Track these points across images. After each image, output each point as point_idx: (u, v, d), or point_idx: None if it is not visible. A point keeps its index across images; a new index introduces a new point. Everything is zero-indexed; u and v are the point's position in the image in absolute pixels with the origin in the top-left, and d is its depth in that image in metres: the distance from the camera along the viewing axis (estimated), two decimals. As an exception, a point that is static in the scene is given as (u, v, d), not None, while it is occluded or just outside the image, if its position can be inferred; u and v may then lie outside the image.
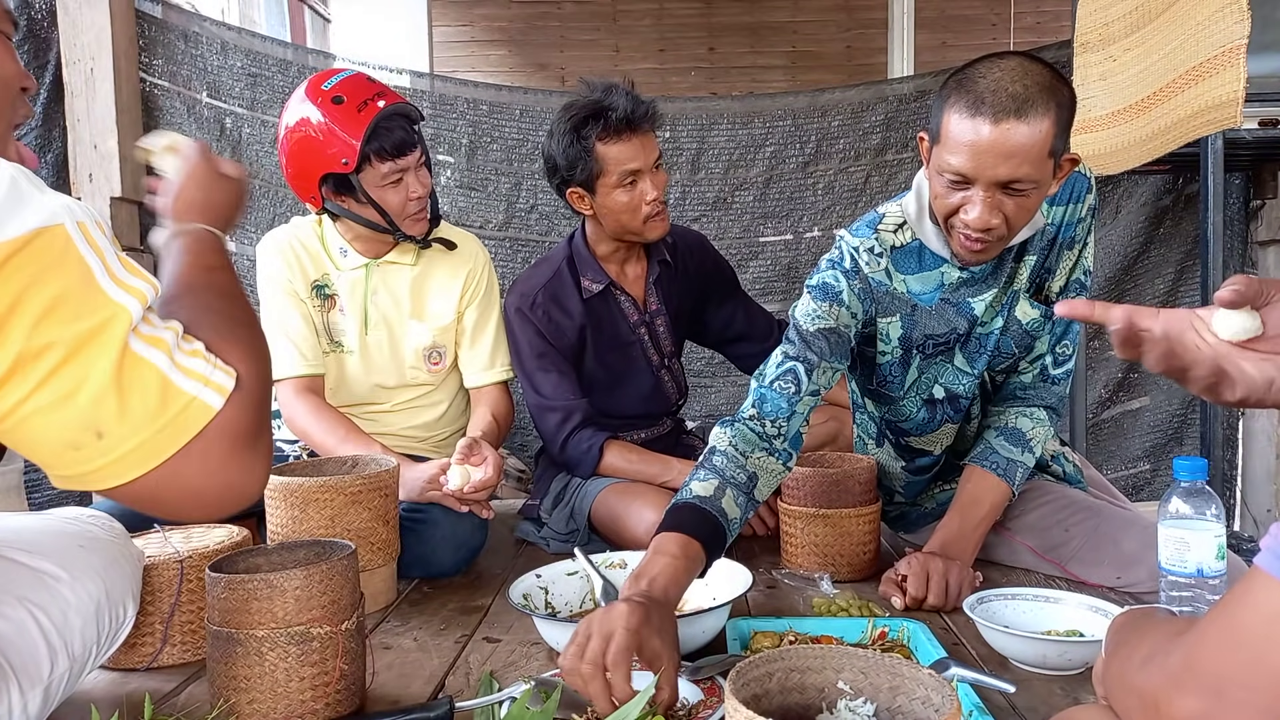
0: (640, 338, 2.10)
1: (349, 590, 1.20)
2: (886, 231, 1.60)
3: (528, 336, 2.01)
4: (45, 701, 1.05)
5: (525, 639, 1.47)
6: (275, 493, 1.56)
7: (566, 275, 2.04)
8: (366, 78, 1.89)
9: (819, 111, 2.89)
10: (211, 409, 0.81)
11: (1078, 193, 1.60)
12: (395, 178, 1.85)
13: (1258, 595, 0.61)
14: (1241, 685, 0.60)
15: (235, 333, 0.90)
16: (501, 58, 6.80)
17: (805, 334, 1.57)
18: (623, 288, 2.07)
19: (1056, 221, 1.60)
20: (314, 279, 1.97)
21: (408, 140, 1.85)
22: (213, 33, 2.74)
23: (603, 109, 1.88)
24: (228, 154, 2.75)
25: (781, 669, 0.85)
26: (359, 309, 1.97)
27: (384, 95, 1.85)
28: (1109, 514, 1.68)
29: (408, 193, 1.87)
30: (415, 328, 2.00)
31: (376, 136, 1.80)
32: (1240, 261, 2.78)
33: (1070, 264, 1.63)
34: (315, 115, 1.82)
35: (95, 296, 0.77)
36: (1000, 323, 1.62)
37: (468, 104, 2.83)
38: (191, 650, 1.39)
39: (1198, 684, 0.63)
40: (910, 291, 1.60)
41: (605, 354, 2.07)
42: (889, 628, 1.34)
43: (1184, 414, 2.90)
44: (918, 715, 0.81)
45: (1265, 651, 0.59)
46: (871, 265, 1.59)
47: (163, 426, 0.79)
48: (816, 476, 1.74)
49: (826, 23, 6.72)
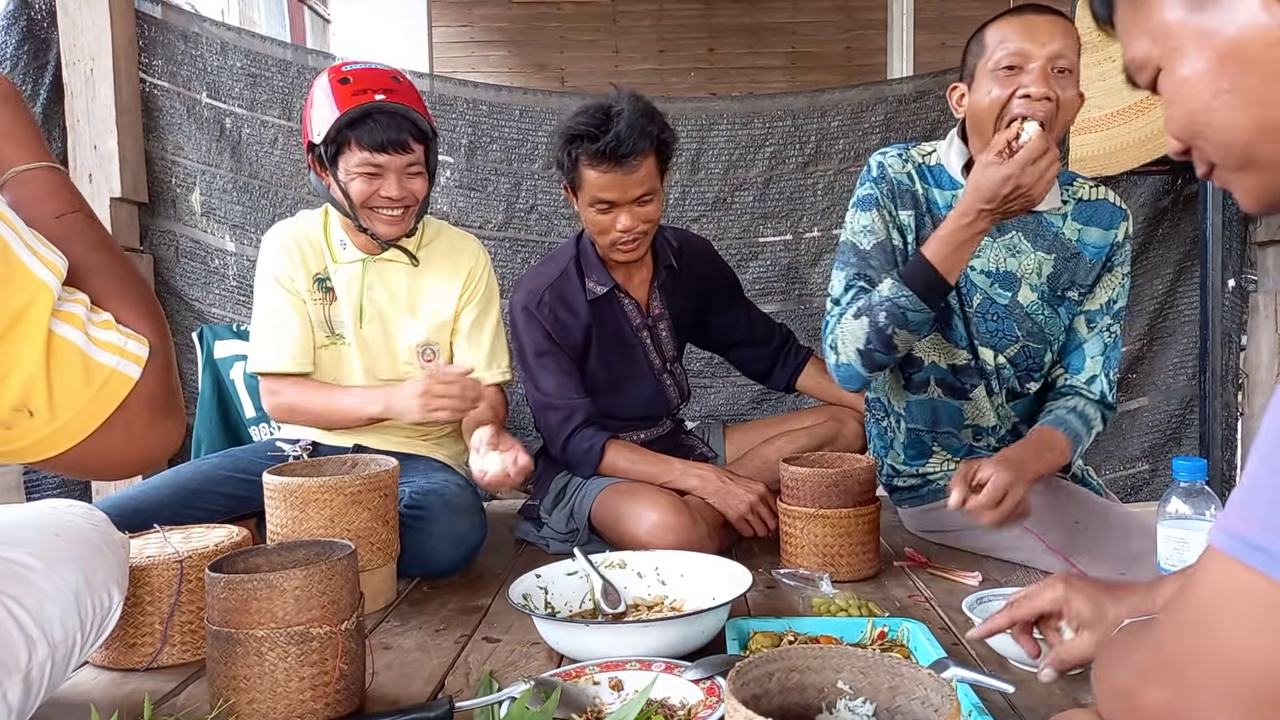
0: (642, 341, 2.10)
1: (349, 590, 1.20)
2: (915, 150, 1.81)
3: (532, 334, 2.00)
4: (27, 690, 1.05)
5: (525, 639, 1.47)
6: (275, 493, 1.56)
7: (573, 275, 2.03)
8: (392, 77, 1.89)
9: (819, 112, 2.89)
10: (130, 379, 0.85)
11: (1115, 220, 1.78)
12: (368, 170, 1.84)
13: (1208, 574, 0.59)
14: (1201, 668, 0.59)
15: (131, 296, 0.93)
16: (501, 58, 6.80)
17: (861, 251, 1.73)
18: (627, 291, 2.07)
19: (1086, 240, 1.77)
20: (315, 272, 1.98)
21: (394, 140, 1.83)
22: (212, 33, 2.74)
23: (594, 135, 1.84)
24: (227, 154, 2.75)
25: (781, 669, 0.85)
26: (354, 302, 1.97)
27: (393, 93, 1.84)
28: (1119, 513, 1.72)
29: (379, 189, 1.86)
30: (409, 324, 2.00)
31: (357, 123, 1.81)
32: (1239, 262, 2.78)
33: (1114, 287, 1.81)
34: (321, 84, 1.86)
35: (15, 270, 0.79)
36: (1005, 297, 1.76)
37: (467, 104, 2.83)
38: (191, 650, 1.39)
39: (1163, 673, 0.61)
40: (930, 200, 1.77)
41: (608, 355, 2.07)
42: (888, 627, 1.34)
43: (1183, 414, 2.90)
44: (917, 715, 0.81)
45: (1218, 630, 0.58)
46: (896, 167, 1.77)
47: (87, 402, 0.82)
48: (816, 476, 1.74)
49: (826, 23, 6.73)
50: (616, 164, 1.84)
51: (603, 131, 1.83)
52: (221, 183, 2.75)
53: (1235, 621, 0.57)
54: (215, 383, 2.56)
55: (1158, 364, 2.88)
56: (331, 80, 1.85)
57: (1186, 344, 2.84)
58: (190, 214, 2.75)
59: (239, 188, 2.75)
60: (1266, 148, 0.68)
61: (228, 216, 2.76)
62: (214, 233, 2.76)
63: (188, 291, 2.74)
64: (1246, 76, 0.67)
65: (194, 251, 2.75)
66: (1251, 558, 0.55)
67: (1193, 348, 2.85)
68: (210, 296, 2.75)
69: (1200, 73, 0.69)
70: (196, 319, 2.73)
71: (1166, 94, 0.74)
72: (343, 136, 1.82)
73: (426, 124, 1.89)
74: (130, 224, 2.65)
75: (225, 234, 2.76)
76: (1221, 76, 0.68)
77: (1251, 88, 0.67)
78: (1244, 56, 0.67)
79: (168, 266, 2.74)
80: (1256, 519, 0.56)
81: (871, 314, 1.62)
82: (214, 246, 2.76)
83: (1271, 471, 0.56)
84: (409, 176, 1.89)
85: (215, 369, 2.57)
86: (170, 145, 2.72)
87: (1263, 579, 0.55)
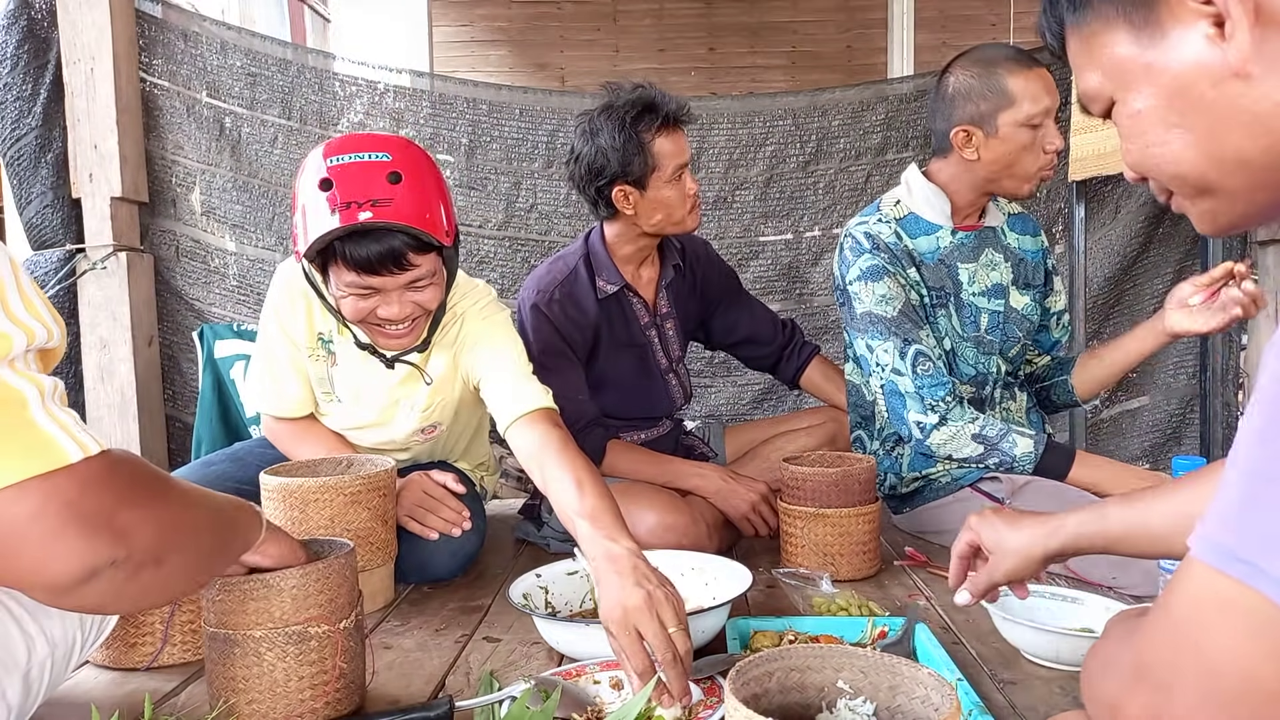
0: (650, 340, 2.10)
1: (347, 589, 1.20)
2: (887, 208, 1.94)
3: (542, 332, 1.98)
4: (27, 689, 1.05)
5: (525, 639, 1.47)
6: (275, 493, 1.56)
7: (583, 274, 2.03)
8: (388, 176, 1.48)
9: (819, 111, 2.89)
10: (67, 456, 0.76)
11: (1036, 228, 2.05)
12: (358, 291, 1.54)
13: (1187, 580, 0.59)
14: (1182, 674, 0.58)
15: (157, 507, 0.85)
16: (501, 58, 6.79)
17: (890, 320, 1.83)
18: (635, 290, 2.07)
19: (1024, 247, 2.01)
20: (319, 331, 1.79)
21: (386, 259, 1.49)
22: (212, 32, 2.74)
23: (654, 104, 1.90)
24: (227, 153, 2.74)
25: (781, 668, 0.85)
26: (353, 382, 1.81)
27: (385, 205, 1.47)
28: None
29: (373, 310, 1.57)
30: (408, 414, 1.83)
31: (343, 239, 1.48)
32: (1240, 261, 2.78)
33: (1060, 299, 2.08)
34: (307, 185, 1.51)
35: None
36: (1000, 306, 1.94)
37: (467, 104, 2.83)
38: (191, 650, 1.39)
39: (1146, 681, 0.61)
40: (917, 251, 1.90)
41: (616, 354, 2.07)
42: (889, 627, 1.34)
43: (1183, 414, 2.90)
44: (917, 714, 0.81)
45: (1197, 636, 0.57)
46: (884, 233, 1.88)
47: (10, 452, 0.74)
48: (816, 476, 1.74)
49: (826, 23, 6.72)
50: (679, 125, 1.94)
51: (660, 102, 1.91)
52: (221, 182, 2.75)
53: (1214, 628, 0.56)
54: (215, 382, 2.56)
55: (1158, 363, 2.88)
56: (317, 182, 1.48)
57: (1187, 343, 2.84)
58: (190, 213, 2.75)
59: (239, 187, 2.75)
60: (1219, 179, 0.69)
61: (228, 216, 2.76)
62: (214, 232, 2.76)
63: (188, 291, 2.74)
64: (1196, 113, 0.68)
65: (194, 251, 2.75)
66: (1232, 568, 0.54)
67: (1193, 347, 2.85)
68: (210, 296, 2.75)
69: (1151, 108, 0.71)
70: (197, 318, 2.73)
71: (1120, 127, 0.75)
72: (327, 250, 1.51)
73: (433, 237, 1.52)
74: (130, 223, 2.65)
75: (225, 233, 2.76)
76: (1171, 112, 0.70)
77: (1201, 123, 0.68)
78: (1192, 93, 0.68)
79: (168, 266, 2.74)
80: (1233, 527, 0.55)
81: (990, 451, 1.78)
82: (214, 246, 2.76)
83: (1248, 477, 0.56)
84: (414, 290, 1.57)
85: (215, 368, 2.57)
86: (170, 145, 2.72)
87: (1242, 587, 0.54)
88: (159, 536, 0.84)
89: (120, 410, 2.59)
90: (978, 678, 1.26)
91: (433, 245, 1.54)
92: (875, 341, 1.83)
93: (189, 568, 0.94)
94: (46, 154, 2.57)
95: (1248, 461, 0.55)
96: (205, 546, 0.98)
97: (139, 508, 0.82)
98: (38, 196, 2.57)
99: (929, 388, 1.79)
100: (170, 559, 0.87)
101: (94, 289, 2.58)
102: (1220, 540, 0.56)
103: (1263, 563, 0.52)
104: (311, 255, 1.53)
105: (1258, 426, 0.54)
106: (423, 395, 1.81)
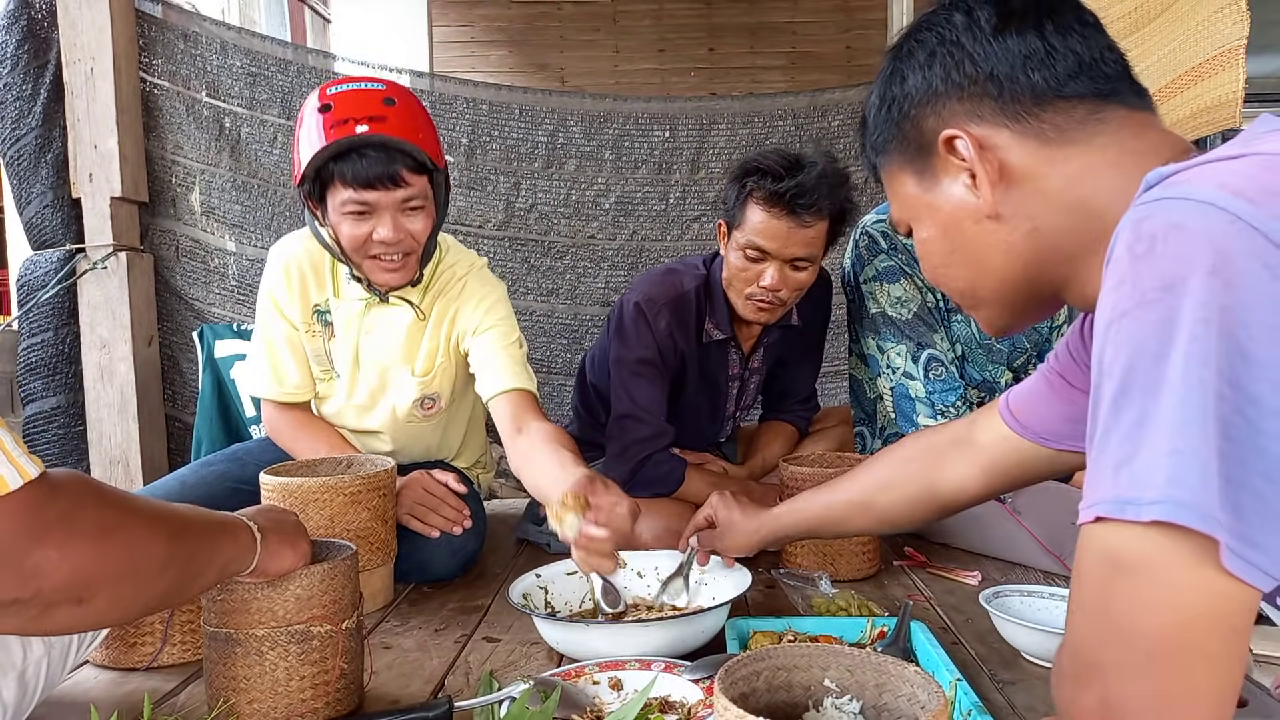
0: (730, 391, 2.07)
1: (350, 589, 1.20)
2: None
3: (641, 340, 1.90)
4: (23, 688, 1.05)
5: (525, 639, 1.47)
6: (275, 493, 1.56)
7: (693, 304, 1.92)
8: (383, 99, 1.62)
9: (819, 111, 2.89)
10: (4, 484, 0.74)
11: None
12: (355, 209, 1.63)
13: (1083, 552, 0.60)
14: (1108, 650, 0.58)
15: (84, 546, 0.80)
16: (501, 58, 6.79)
17: (904, 322, 1.83)
18: (738, 340, 1.99)
19: None
20: (315, 303, 1.83)
21: (383, 174, 1.59)
22: (212, 32, 2.74)
23: (773, 173, 1.74)
24: (227, 153, 2.75)
25: (769, 667, 0.85)
26: (351, 346, 1.84)
27: (381, 121, 1.59)
28: None
29: (371, 232, 1.64)
30: (405, 380, 1.85)
31: (340, 157, 1.59)
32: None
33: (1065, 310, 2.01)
34: (307, 107, 1.64)
35: None
36: None
37: (467, 104, 2.83)
38: (191, 650, 1.39)
39: (1083, 674, 0.60)
40: None
41: (694, 393, 2.02)
42: (888, 627, 1.34)
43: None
44: (904, 712, 0.81)
45: (1107, 605, 0.58)
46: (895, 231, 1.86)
47: None
48: (816, 477, 1.74)
49: (826, 23, 6.72)
50: (790, 212, 1.73)
51: (789, 174, 1.73)
52: (221, 182, 2.75)
53: (1117, 591, 0.58)
54: (215, 382, 2.56)
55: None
56: (314, 109, 1.62)
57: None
58: (190, 213, 2.75)
59: (238, 187, 2.75)
60: (989, 295, 0.87)
61: (227, 215, 2.76)
62: (214, 232, 2.76)
63: (188, 291, 2.74)
64: (964, 243, 0.85)
65: (194, 251, 2.75)
66: (1121, 511, 0.56)
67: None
68: (210, 296, 2.75)
69: (933, 237, 0.88)
70: (196, 318, 2.73)
71: (916, 248, 0.92)
72: (325, 172, 1.61)
73: (425, 155, 1.63)
74: (130, 223, 2.65)
75: (225, 233, 2.76)
76: (946, 241, 0.86)
77: (969, 251, 0.85)
78: (961, 228, 0.84)
79: (168, 266, 2.74)
80: (1108, 482, 0.58)
81: None
82: (214, 246, 2.76)
83: (1106, 436, 0.59)
84: (406, 214, 1.66)
85: (215, 368, 2.57)
86: (170, 144, 2.72)
87: (1129, 529, 0.56)
88: (76, 578, 0.80)
89: (120, 410, 2.59)
90: (977, 678, 1.26)
91: (425, 166, 1.64)
92: (887, 344, 1.83)
93: (130, 601, 0.88)
94: (46, 154, 2.57)
95: (1106, 421, 0.59)
96: (156, 584, 0.90)
97: (58, 548, 0.78)
98: (38, 196, 2.57)
99: (940, 393, 1.79)
100: (97, 598, 0.82)
101: (94, 289, 2.58)
102: (1096, 498, 0.58)
103: (1143, 495, 0.55)
104: (310, 175, 1.62)
105: (1112, 394, 0.58)
106: (421, 357, 1.84)
